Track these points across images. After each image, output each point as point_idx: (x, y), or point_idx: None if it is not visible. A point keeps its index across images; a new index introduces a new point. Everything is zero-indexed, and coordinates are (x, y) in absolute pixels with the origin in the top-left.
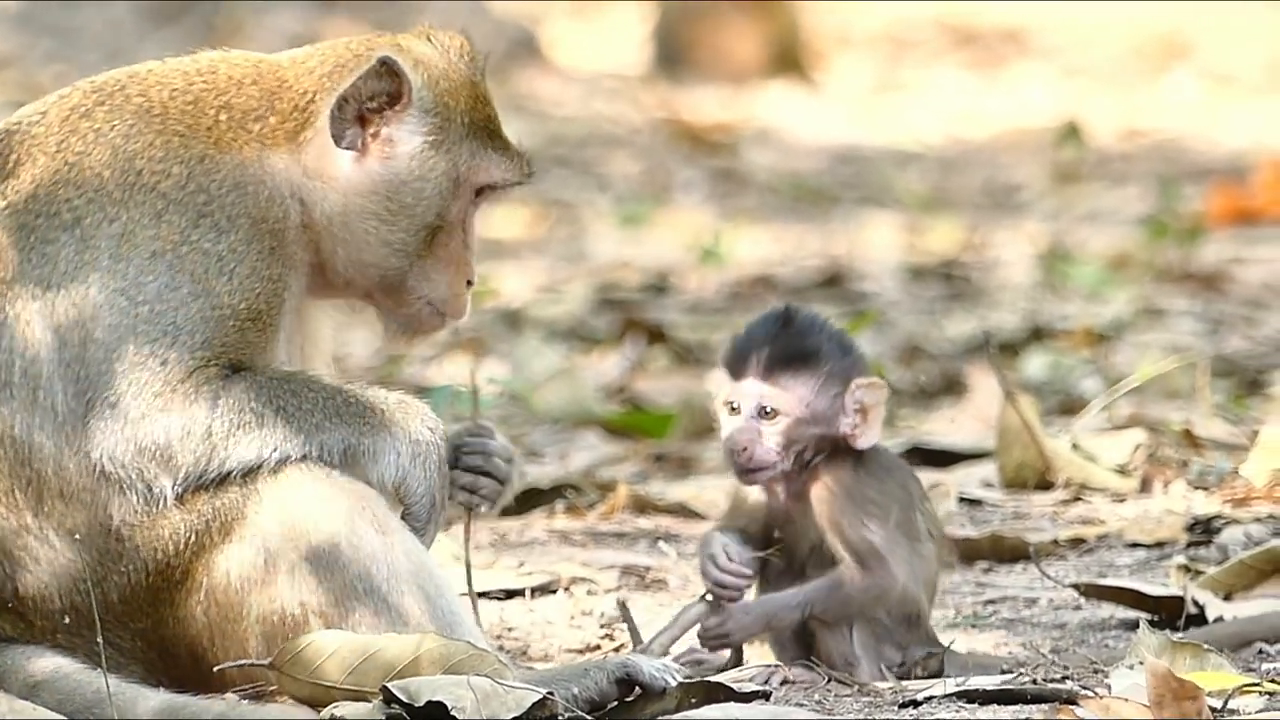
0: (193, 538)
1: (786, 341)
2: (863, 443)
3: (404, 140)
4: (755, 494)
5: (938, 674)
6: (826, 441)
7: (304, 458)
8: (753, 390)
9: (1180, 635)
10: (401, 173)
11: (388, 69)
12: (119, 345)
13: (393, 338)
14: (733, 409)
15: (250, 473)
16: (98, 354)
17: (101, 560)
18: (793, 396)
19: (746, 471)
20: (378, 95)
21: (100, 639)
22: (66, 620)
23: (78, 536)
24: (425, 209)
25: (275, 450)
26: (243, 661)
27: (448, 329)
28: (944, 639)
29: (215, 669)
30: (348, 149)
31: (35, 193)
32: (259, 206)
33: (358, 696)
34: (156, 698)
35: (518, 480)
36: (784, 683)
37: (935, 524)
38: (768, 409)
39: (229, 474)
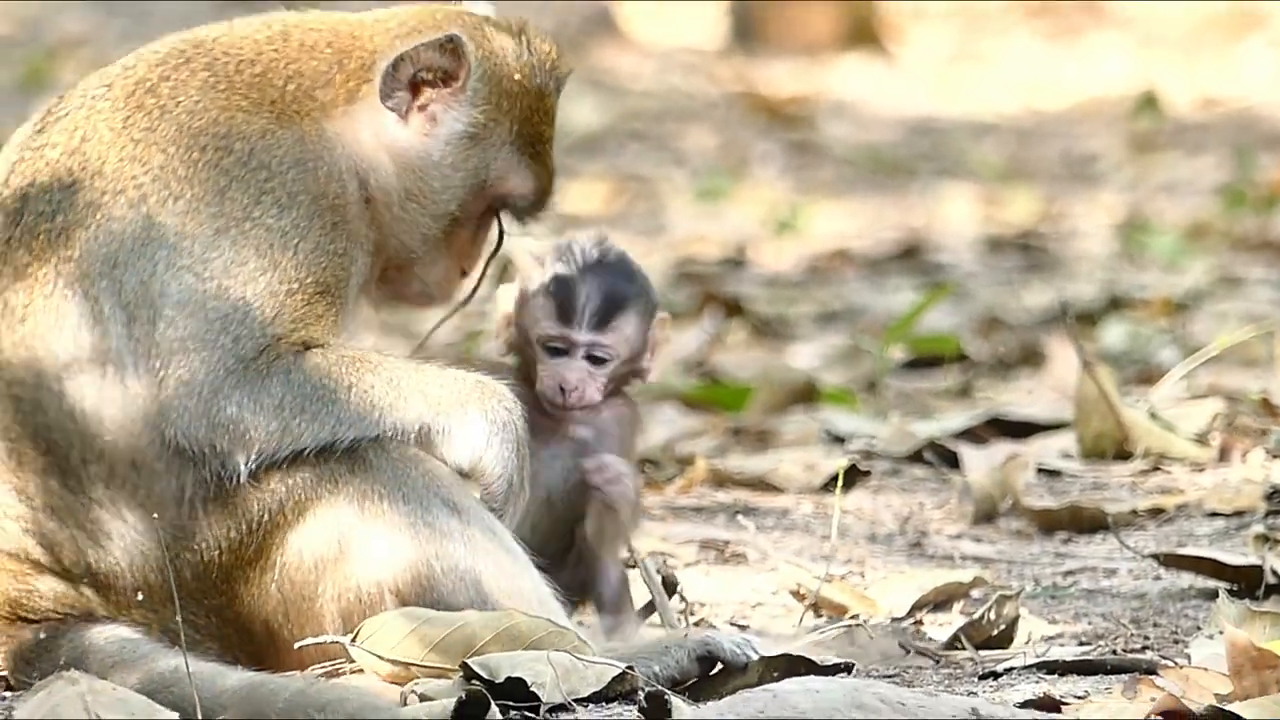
0: (266, 516)
1: (613, 287)
2: (652, 376)
3: (446, 123)
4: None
5: (1008, 641)
6: (626, 377)
7: (378, 437)
8: (586, 339)
9: (1259, 604)
10: (434, 154)
11: (453, 47)
12: (188, 322)
13: (375, 306)
14: (558, 350)
15: (324, 451)
16: (167, 331)
17: (175, 536)
18: (621, 339)
19: (569, 408)
20: (435, 69)
21: (179, 616)
22: (139, 596)
23: (151, 512)
24: (449, 197)
25: (350, 428)
26: (322, 638)
27: (432, 309)
28: (1024, 611)
29: (295, 645)
30: (391, 110)
31: (102, 169)
32: (318, 183)
33: (437, 673)
34: (235, 675)
35: None
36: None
37: None
38: (599, 355)
39: (302, 451)
